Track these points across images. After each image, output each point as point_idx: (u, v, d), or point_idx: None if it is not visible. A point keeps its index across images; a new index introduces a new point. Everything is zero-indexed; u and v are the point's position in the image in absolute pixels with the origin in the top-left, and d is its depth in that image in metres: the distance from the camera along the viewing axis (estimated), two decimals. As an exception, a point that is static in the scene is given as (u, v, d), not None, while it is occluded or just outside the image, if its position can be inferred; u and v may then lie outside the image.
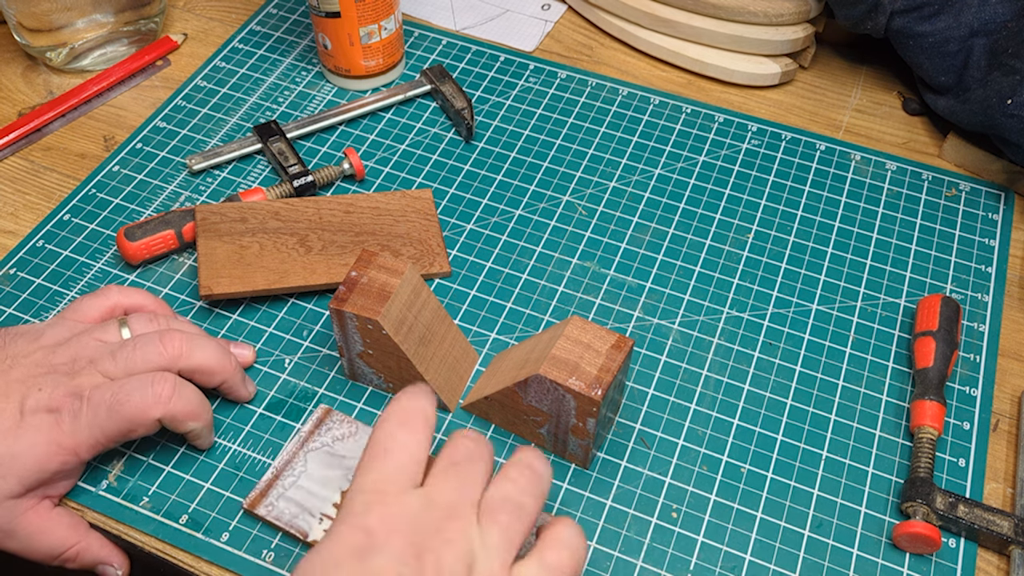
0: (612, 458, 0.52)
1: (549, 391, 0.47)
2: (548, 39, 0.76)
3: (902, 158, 0.67)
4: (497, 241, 0.62)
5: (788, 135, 0.69)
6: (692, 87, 0.73)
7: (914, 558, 0.48)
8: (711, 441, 0.53)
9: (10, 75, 0.73)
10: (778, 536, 0.49)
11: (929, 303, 0.56)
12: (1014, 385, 0.56)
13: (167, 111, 0.70)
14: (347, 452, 0.50)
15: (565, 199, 0.64)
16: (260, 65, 0.73)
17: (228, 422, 0.53)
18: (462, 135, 0.68)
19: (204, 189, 0.65)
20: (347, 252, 0.58)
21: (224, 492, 0.50)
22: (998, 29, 0.62)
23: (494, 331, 0.57)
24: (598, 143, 0.68)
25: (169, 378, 0.47)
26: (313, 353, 0.56)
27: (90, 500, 0.50)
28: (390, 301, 0.49)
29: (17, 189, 0.65)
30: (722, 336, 0.57)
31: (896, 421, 0.54)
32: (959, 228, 0.63)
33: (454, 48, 0.75)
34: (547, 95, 0.71)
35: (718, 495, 0.51)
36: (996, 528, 0.48)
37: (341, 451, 0.50)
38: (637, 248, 0.62)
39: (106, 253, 0.61)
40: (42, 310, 0.58)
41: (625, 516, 0.50)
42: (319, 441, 0.51)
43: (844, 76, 0.74)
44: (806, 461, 0.52)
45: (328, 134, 0.68)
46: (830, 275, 0.60)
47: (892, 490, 0.51)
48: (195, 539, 0.48)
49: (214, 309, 0.58)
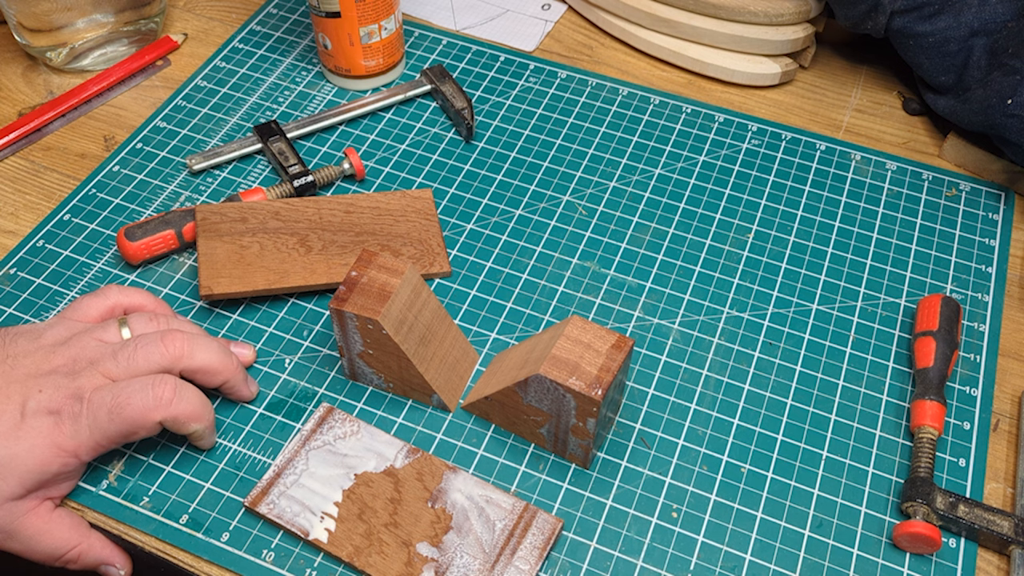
0: (612, 458, 0.52)
1: (549, 391, 0.47)
2: (548, 39, 0.76)
3: (902, 158, 0.67)
4: (497, 241, 0.62)
5: (788, 135, 0.69)
6: (692, 87, 0.73)
7: (914, 558, 0.48)
8: (711, 441, 0.53)
9: (10, 75, 0.73)
10: (778, 536, 0.49)
11: (929, 303, 0.56)
12: (1014, 385, 0.56)
13: (167, 111, 0.70)
14: (349, 451, 0.50)
15: (565, 199, 0.64)
16: (260, 65, 0.73)
17: (228, 422, 0.53)
18: (462, 135, 0.68)
19: (204, 189, 0.65)
20: (347, 252, 0.58)
21: (224, 492, 0.50)
22: (998, 29, 0.62)
23: (494, 331, 0.57)
24: (598, 143, 0.68)
25: (170, 380, 0.47)
26: (313, 353, 0.56)
27: (90, 500, 0.50)
28: (390, 301, 0.49)
29: (17, 189, 0.65)
30: (722, 336, 0.57)
31: (896, 421, 0.54)
32: (959, 228, 0.63)
33: (454, 48, 0.75)
34: (547, 95, 0.71)
35: (718, 495, 0.51)
36: (996, 528, 0.48)
37: (343, 450, 0.50)
38: (637, 248, 0.62)
39: (106, 253, 0.61)
40: (42, 310, 0.58)
41: (625, 516, 0.50)
42: (321, 440, 0.51)
43: (844, 76, 0.74)
44: (806, 461, 0.52)
45: (328, 134, 0.68)
46: (830, 275, 0.60)
47: (892, 490, 0.51)
48: (195, 539, 0.48)
49: (214, 309, 0.58)
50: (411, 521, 0.48)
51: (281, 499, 0.48)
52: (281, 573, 0.47)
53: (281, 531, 0.48)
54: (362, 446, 0.51)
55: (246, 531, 0.49)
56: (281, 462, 0.50)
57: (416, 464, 0.50)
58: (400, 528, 0.48)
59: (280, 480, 0.49)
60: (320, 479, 0.49)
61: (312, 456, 0.50)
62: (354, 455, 0.50)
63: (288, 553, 0.48)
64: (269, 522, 0.48)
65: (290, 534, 0.48)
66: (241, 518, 0.49)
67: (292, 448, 0.50)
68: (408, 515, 0.48)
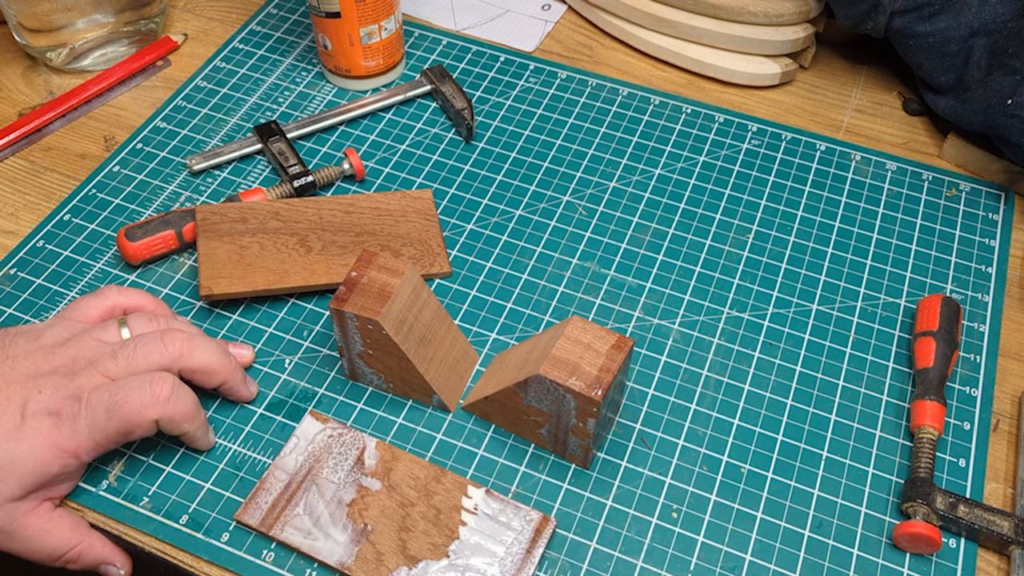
0: (612, 458, 0.52)
1: (549, 391, 0.47)
2: (548, 39, 0.76)
3: (902, 158, 0.67)
4: (497, 241, 0.62)
5: (788, 135, 0.69)
6: (692, 87, 0.73)
7: (914, 558, 0.48)
8: (711, 441, 0.53)
9: (10, 75, 0.73)
10: (778, 536, 0.49)
11: (929, 303, 0.56)
12: (1014, 385, 0.56)
13: (167, 111, 0.70)
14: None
15: (565, 199, 0.64)
16: (260, 65, 0.73)
17: (228, 422, 0.53)
18: (462, 135, 0.68)
19: (204, 189, 0.65)
20: (347, 252, 0.58)
21: (224, 492, 0.50)
22: (998, 29, 0.62)
23: (494, 331, 0.57)
24: (598, 143, 0.68)
25: (168, 378, 0.47)
26: (313, 353, 0.56)
27: (90, 500, 0.50)
28: (390, 301, 0.49)
29: (17, 189, 0.65)
30: (722, 336, 0.57)
31: (896, 421, 0.54)
32: (959, 228, 0.63)
33: (454, 48, 0.75)
34: (547, 95, 0.71)
35: (718, 495, 0.51)
36: (996, 528, 0.48)
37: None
38: (637, 248, 0.62)
39: (106, 253, 0.61)
40: (42, 310, 0.58)
41: (625, 516, 0.50)
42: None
43: (844, 76, 0.74)
44: (806, 461, 0.52)
45: (328, 134, 0.68)
46: (830, 275, 0.60)
47: (892, 490, 0.51)
48: (195, 539, 0.48)
49: (214, 309, 0.58)
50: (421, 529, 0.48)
51: (287, 528, 0.48)
52: (281, 573, 0.47)
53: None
54: (349, 445, 0.51)
55: (246, 531, 0.49)
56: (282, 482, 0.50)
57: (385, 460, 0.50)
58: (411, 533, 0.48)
59: (289, 505, 0.49)
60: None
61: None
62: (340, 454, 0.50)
63: (288, 553, 0.48)
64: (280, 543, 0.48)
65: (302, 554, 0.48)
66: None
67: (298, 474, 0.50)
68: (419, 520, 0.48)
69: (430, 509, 0.48)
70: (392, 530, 0.48)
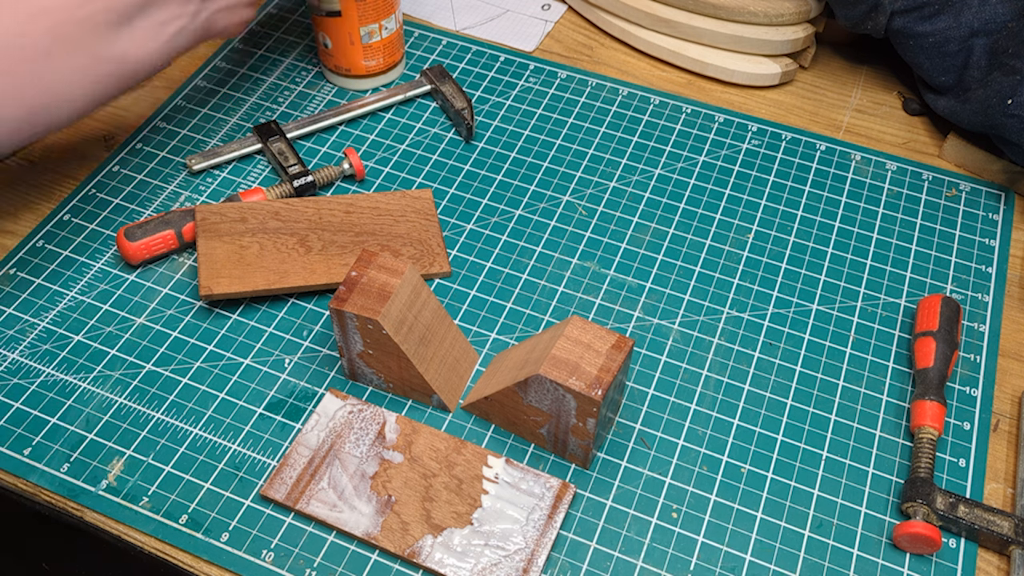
0: (612, 458, 0.52)
1: (549, 391, 0.47)
2: (548, 39, 0.76)
3: (902, 158, 0.67)
4: (497, 241, 0.62)
5: (788, 135, 0.69)
6: (692, 87, 0.73)
7: (914, 558, 0.48)
8: (711, 441, 0.53)
9: (10, 75, 0.73)
10: (778, 536, 0.49)
11: (929, 303, 0.56)
12: (1014, 385, 0.56)
13: (167, 111, 0.70)
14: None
15: (565, 199, 0.64)
16: (260, 65, 0.73)
17: (228, 422, 0.53)
18: (462, 135, 0.68)
19: (204, 189, 0.65)
20: (347, 252, 0.58)
21: (224, 492, 0.50)
22: (998, 29, 0.62)
23: (494, 331, 0.57)
24: (598, 143, 0.68)
25: None
26: (313, 353, 0.56)
27: (90, 500, 0.50)
28: (390, 301, 0.49)
29: (17, 189, 0.65)
30: (722, 336, 0.57)
31: (896, 421, 0.54)
32: (959, 228, 0.63)
33: (454, 48, 0.75)
34: (547, 95, 0.71)
35: (718, 495, 0.51)
36: (996, 528, 0.48)
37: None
38: (637, 248, 0.62)
39: (106, 253, 0.61)
40: (42, 310, 0.58)
41: (625, 516, 0.50)
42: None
43: (844, 76, 0.74)
44: (806, 461, 0.52)
45: (328, 134, 0.68)
46: (830, 275, 0.60)
47: (892, 490, 0.51)
48: (195, 539, 0.48)
49: (214, 309, 0.58)
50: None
51: (312, 501, 0.49)
52: (281, 573, 0.47)
53: (280, 531, 0.48)
54: (368, 420, 0.51)
55: (246, 531, 0.49)
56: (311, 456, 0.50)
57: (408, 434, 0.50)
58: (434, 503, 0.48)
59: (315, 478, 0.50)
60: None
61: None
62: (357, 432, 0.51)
63: (288, 553, 0.48)
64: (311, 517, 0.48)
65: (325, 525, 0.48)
66: (241, 518, 0.49)
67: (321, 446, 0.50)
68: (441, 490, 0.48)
69: (452, 479, 0.49)
70: (416, 500, 0.48)
